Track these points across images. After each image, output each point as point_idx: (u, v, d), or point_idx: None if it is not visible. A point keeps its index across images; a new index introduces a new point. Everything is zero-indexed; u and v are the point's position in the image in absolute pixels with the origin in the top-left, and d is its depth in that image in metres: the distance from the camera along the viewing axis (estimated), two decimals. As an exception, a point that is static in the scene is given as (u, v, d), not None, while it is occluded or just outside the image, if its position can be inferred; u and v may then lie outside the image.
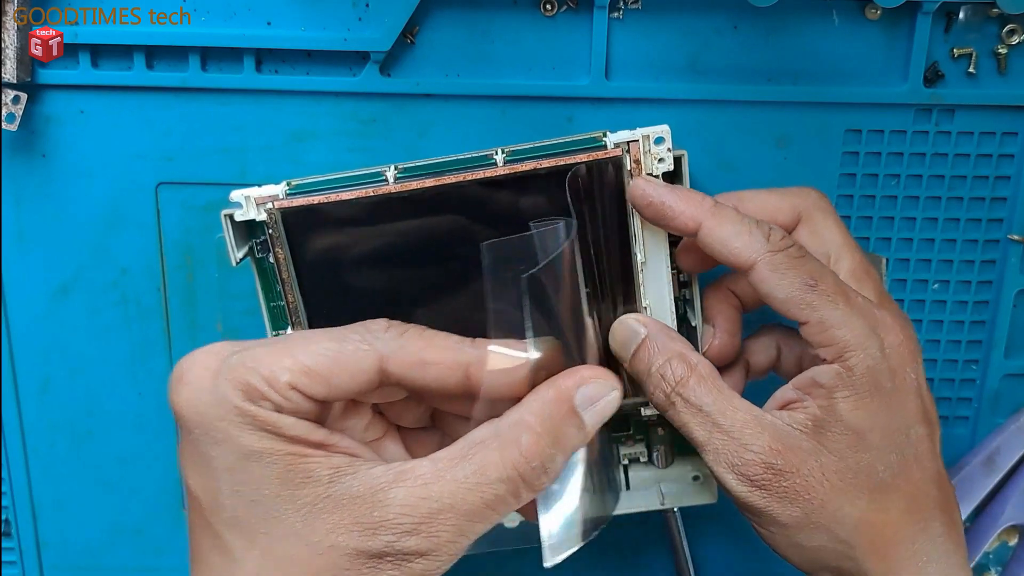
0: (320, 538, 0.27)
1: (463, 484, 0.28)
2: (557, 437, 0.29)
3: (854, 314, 0.33)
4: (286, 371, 0.28)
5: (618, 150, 0.36)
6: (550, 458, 0.29)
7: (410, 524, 0.27)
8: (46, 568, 0.48)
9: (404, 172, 0.37)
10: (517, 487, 0.28)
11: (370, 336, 0.30)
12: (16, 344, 0.45)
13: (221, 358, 0.29)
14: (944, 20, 0.41)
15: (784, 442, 0.33)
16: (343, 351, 0.29)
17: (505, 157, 0.37)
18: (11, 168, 0.43)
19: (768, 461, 0.33)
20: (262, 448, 0.28)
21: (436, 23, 0.41)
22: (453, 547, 0.28)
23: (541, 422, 0.29)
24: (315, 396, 0.29)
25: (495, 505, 0.28)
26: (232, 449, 0.28)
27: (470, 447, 0.29)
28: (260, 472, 0.27)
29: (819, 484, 0.33)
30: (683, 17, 0.41)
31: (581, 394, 0.30)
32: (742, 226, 0.34)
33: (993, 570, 0.47)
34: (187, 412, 0.28)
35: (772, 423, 0.33)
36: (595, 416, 0.30)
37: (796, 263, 0.33)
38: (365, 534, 0.27)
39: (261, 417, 0.28)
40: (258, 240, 0.39)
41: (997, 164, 0.42)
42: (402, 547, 0.27)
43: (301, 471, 0.28)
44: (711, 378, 0.34)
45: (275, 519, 0.27)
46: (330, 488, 0.27)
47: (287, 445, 0.28)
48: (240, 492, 0.28)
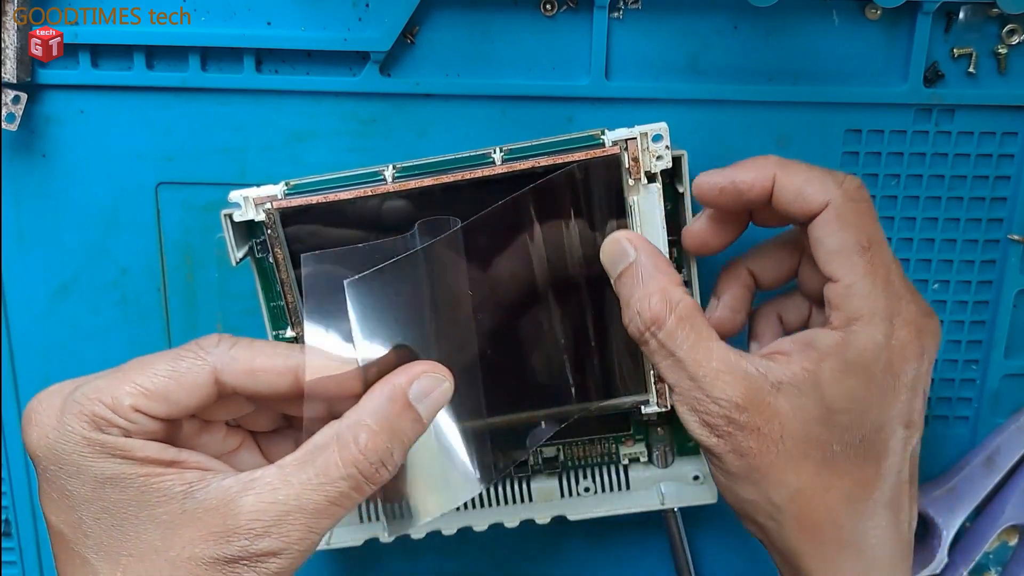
0: (178, 552, 0.28)
1: (307, 486, 0.29)
2: (394, 432, 0.31)
3: (881, 293, 0.33)
4: (128, 395, 0.30)
5: (616, 148, 0.36)
6: (388, 453, 0.30)
7: (261, 528, 0.28)
8: (46, 568, 0.48)
9: (402, 172, 0.37)
10: (359, 483, 0.30)
11: (202, 352, 0.31)
12: (16, 344, 0.45)
13: (64, 395, 0.30)
14: (944, 20, 0.41)
15: (753, 397, 0.33)
16: (178, 369, 0.31)
17: (503, 156, 0.37)
18: (11, 168, 0.43)
19: (730, 415, 0.33)
20: (115, 473, 0.29)
21: (436, 23, 0.41)
22: (303, 544, 0.29)
23: (377, 420, 0.31)
24: (158, 415, 0.30)
25: (339, 501, 0.30)
26: (87, 479, 0.29)
27: (312, 451, 0.30)
28: (117, 496, 0.29)
29: (774, 445, 0.33)
30: (683, 17, 0.41)
31: (415, 389, 0.31)
32: (814, 173, 0.34)
33: (993, 570, 0.47)
34: (39, 451, 0.30)
35: (747, 374, 0.33)
36: (430, 408, 0.32)
37: (861, 220, 0.33)
38: (220, 542, 0.28)
39: (110, 444, 0.29)
40: (258, 240, 0.39)
41: (997, 164, 0.42)
42: (255, 549, 0.28)
43: (155, 490, 0.29)
44: (690, 319, 0.34)
45: (136, 539, 0.29)
46: (184, 503, 0.29)
47: (139, 467, 0.29)
48: (100, 519, 0.29)
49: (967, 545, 0.46)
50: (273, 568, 0.29)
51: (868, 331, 0.33)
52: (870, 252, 0.33)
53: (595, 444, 0.44)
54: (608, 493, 0.45)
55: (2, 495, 0.47)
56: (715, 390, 0.33)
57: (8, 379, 0.45)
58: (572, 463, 0.45)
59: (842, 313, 0.33)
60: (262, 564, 0.29)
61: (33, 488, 0.46)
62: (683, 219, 0.40)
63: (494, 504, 0.45)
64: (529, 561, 0.48)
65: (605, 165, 0.36)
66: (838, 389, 0.33)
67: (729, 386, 0.33)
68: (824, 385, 0.33)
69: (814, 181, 0.34)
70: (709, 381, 0.33)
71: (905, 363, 0.33)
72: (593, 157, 0.36)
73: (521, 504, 0.45)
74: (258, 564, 0.29)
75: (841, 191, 0.34)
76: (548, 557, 0.48)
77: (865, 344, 0.33)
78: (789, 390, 0.33)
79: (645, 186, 0.37)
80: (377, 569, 0.48)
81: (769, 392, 0.33)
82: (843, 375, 0.33)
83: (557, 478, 0.45)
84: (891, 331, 0.33)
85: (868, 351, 0.33)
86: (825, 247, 0.34)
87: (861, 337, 0.33)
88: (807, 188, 0.34)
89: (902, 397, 0.34)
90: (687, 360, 0.34)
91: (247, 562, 0.28)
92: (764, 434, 0.33)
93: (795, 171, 0.34)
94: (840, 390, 0.33)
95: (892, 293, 0.33)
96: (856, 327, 0.33)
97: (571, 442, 0.44)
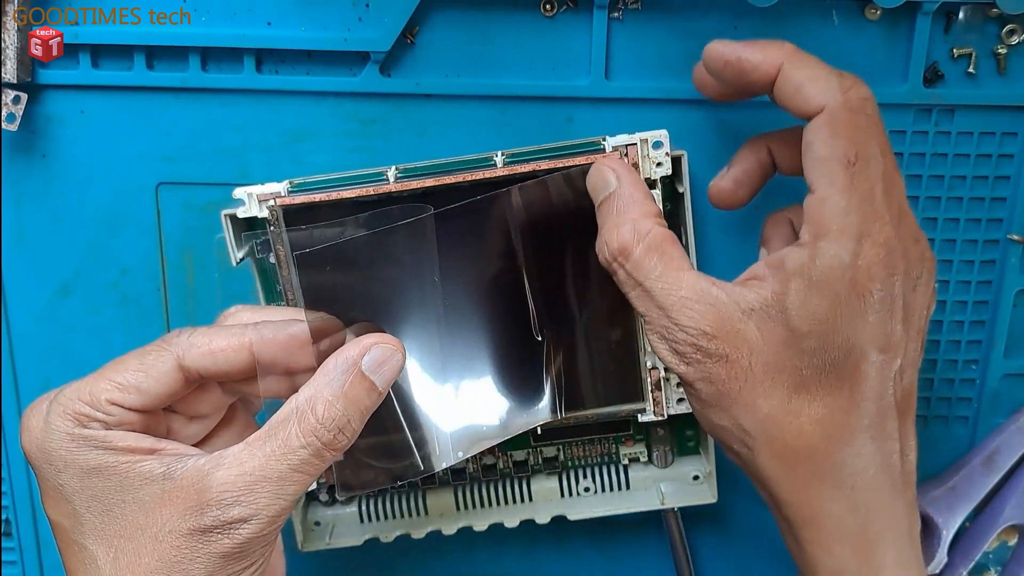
0: (159, 527, 0.31)
1: (271, 456, 0.31)
2: (349, 401, 0.32)
3: (855, 210, 0.32)
4: (104, 391, 0.32)
5: (616, 153, 0.37)
6: (344, 421, 0.32)
7: (232, 498, 0.31)
8: (46, 568, 0.48)
9: (404, 172, 0.37)
10: (318, 450, 0.32)
11: (165, 344, 0.34)
12: (16, 344, 0.45)
13: (50, 399, 0.33)
14: (944, 20, 0.41)
15: (722, 324, 0.32)
16: (145, 362, 0.33)
17: (505, 159, 0.37)
18: (11, 168, 0.43)
19: (698, 343, 0.33)
20: (99, 463, 0.32)
21: (436, 23, 0.41)
22: (271, 509, 0.31)
23: (332, 392, 0.32)
24: (134, 407, 0.33)
25: (301, 468, 0.32)
26: (75, 472, 0.32)
27: (275, 425, 0.32)
28: (102, 484, 0.32)
29: (743, 372, 0.32)
30: (683, 17, 0.41)
31: (367, 360, 0.33)
32: (821, 71, 0.33)
33: (993, 570, 0.47)
34: (32, 453, 0.33)
35: (718, 301, 0.33)
36: (384, 377, 0.33)
37: (856, 131, 0.32)
38: (195, 515, 0.31)
39: (92, 437, 0.32)
40: (258, 240, 0.40)
41: (997, 164, 0.42)
42: (227, 518, 0.31)
43: (136, 474, 0.32)
44: (659, 248, 0.34)
45: (123, 521, 0.31)
46: (164, 484, 0.31)
47: (120, 455, 0.32)
48: (91, 507, 0.32)
49: (967, 545, 0.46)
50: (245, 533, 0.31)
51: (833, 249, 0.32)
52: (855, 167, 0.32)
53: (595, 444, 0.45)
54: (608, 493, 0.45)
55: (2, 495, 0.47)
56: (683, 318, 0.33)
57: (8, 379, 0.45)
58: (572, 463, 0.45)
59: (812, 227, 0.32)
60: (235, 531, 0.31)
61: (33, 488, 0.46)
62: (683, 219, 0.40)
63: (494, 504, 0.45)
64: (529, 561, 0.48)
65: None
66: (803, 311, 0.32)
67: (698, 314, 0.33)
68: (790, 308, 0.32)
69: (819, 80, 0.33)
70: (677, 310, 0.33)
71: (870, 282, 0.32)
72: (593, 163, 0.36)
73: (521, 504, 0.45)
74: (231, 531, 0.31)
75: (842, 97, 0.32)
76: (548, 557, 0.48)
77: (829, 262, 0.32)
78: (759, 315, 0.32)
79: (645, 190, 0.37)
80: (377, 569, 0.48)
81: (739, 319, 0.33)
82: (808, 295, 0.32)
83: (557, 478, 0.45)
84: (858, 249, 0.32)
85: (832, 269, 0.32)
86: (811, 153, 0.33)
87: (826, 255, 0.32)
88: (808, 86, 0.33)
89: (870, 319, 0.32)
90: (655, 289, 0.33)
91: (220, 530, 0.31)
92: (733, 361, 0.32)
93: (803, 64, 0.33)
94: (805, 312, 0.32)
95: (869, 212, 0.32)
96: (823, 244, 0.32)
97: (571, 442, 0.44)
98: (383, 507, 0.45)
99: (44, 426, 0.32)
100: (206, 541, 0.31)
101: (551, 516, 0.44)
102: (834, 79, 0.33)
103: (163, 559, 0.31)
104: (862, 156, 0.32)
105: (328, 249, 0.34)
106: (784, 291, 0.32)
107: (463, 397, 0.38)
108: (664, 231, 0.34)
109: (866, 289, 0.32)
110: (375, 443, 0.37)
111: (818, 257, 0.32)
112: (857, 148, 0.32)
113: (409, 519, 0.45)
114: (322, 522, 0.45)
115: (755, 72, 0.34)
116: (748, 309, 0.33)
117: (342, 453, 0.33)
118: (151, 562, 0.31)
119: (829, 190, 0.32)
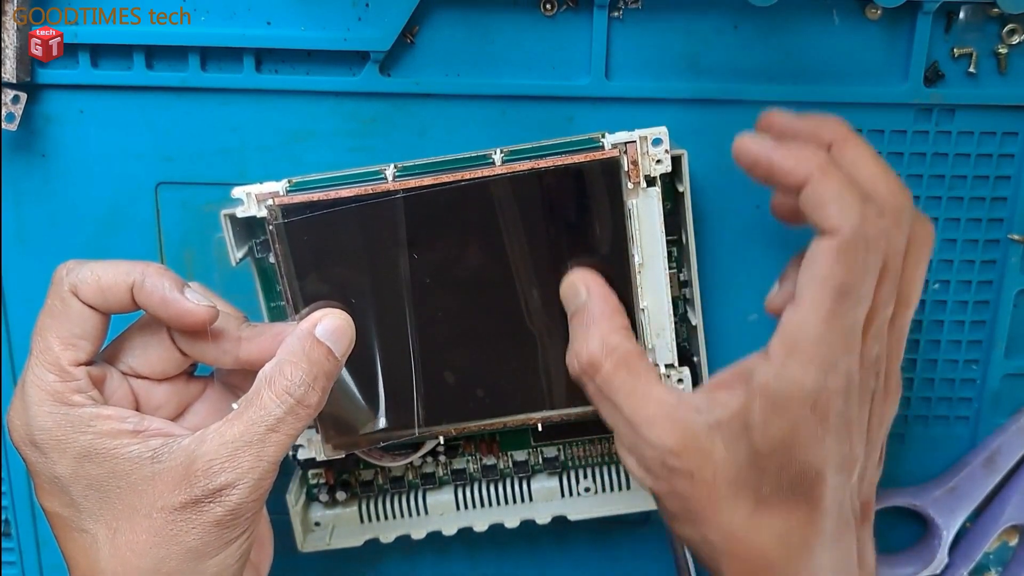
0: (151, 505, 0.33)
1: (249, 423, 0.33)
2: (312, 363, 0.35)
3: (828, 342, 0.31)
4: (61, 356, 0.34)
5: (615, 151, 0.36)
6: (312, 377, 0.34)
7: (217, 467, 0.32)
8: (46, 568, 0.48)
9: (403, 171, 0.37)
10: (292, 407, 0.34)
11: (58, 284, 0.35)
12: (16, 344, 0.45)
13: (22, 395, 0.34)
14: (944, 20, 0.41)
15: (688, 442, 0.33)
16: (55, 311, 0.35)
17: (503, 157, 0.37)
18: (11, 168, 0.43)
19: (664, 460, 0.33)
20: (90, 448, 0.33)
21: (436, 23, 0.41)
22: (255, 471, 0.33)
23: (295, 356, 0.35)
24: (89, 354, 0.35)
25: (278, 427, 0.33)
26: (69, 459, 0.33)
27: (250, 397, 0.34)
28: (96, 471, 0.33)
29: (708, 488, 0.33)
30: (683, 17, 0.41)
31: (319, 329, 0.36)
32: (846, 193, 0.31)
33: (993, 570, 0.47)
34: (23, 449, 0.34)
35: (684, 419, 0.33)
36: (339, 343, 0.36)
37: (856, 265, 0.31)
38: (184, 488, 0.32)
39: (77, 417, 0.34)
40: (258, 240, 0.40)
41: (997, 164, 0.42)
42: (214, 486, 0.32)
43: (125, 459, 0.33)
44: (627, 364, 0.35)
45: (119, 504, 0.33)
46: (153, 466, 0.33)
47: (109, 440, 0.33)
48: (88, 495, 0.33)
49: (967, 545, 0.46)
50: (234, 499, 0.32)
51: (799, 374, 0.31)
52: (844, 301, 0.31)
53: (595, 444, 0.45)
54: (608, 493, 0.45)
55: (2, 495, 0.47)
56: (651, 435, 0.33)
57: (8, 379, 0.45)
58: (572, 463, 0.45)
59: (785, 341, 0.32)
60: (224, 497, 0.32)
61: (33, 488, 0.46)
62: (683, 219, 0.40)
63: (494, 504, 0.45)
64: (529, 561, 0.48)
65: (602, 169, 0.36)
66: (764, 431, 0.32)
67: (664, 431, 0.33)
68: (753, 426, 0.32)
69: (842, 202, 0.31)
70: (646, 427, 0.34)
71: (829, 409, 0.32)
72: (592, 160, 0.36)
73: (521, 504, 0.45)
74: (220, 498, 0.32)
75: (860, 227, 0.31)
76: (548, 557, 0.48)
77: (793, 389, 0.31)
78: (724, 431, 0.33)
79: (644, 190, 0.37)
80: (377, 569, 0.48)
81: (704, 436, 0.33)
82: (770, 416, 0.32)
83: (557, 478, 0.45)
84: (822, 380, 0.31)
85: (794, 395, 0.31)
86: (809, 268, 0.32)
87: (790, 379, 0.31)
88: (831, 206, 0.31)
89: (827, 442, 0.32)
90: (623, 405, 0.34)
91: (210, 499, 0.32)
92: (698, 478, 0.33)
93: (830, 181, 0.32)
94: (766, 432, 0.32)
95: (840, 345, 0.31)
96: (790, 365, 0.31)
97: (571, 442, 0.44)
98: (383, 507, 0.45)
99: (27, 419, 0.34)
100: (198, 512, 0.32)
101: (551, 516, 0.44)
102: (857, 206, 0.31)
103: (160, 533, 0.33)
104: (854, 293, 0.31)
105: (312, 220, 0.36)
106: (749, 408, 0.32)
107: (429, 376, 0.39)
108: (632, 346, 0.36)
109: (824, 416, 0.32)
110: (348, 409, 0.39)
111: (783, 379, 0.32)
112: (853, 283, 0.31)
113: (409, 519, 0.45)
114: (322, 523, 0.45)
115: (784, 180, 0.33)
116: (715, 423, 0.33)
117: (315, 414, 0.35)
118: (149, 537, 0.33)
119: (811, 314, 0.31)
